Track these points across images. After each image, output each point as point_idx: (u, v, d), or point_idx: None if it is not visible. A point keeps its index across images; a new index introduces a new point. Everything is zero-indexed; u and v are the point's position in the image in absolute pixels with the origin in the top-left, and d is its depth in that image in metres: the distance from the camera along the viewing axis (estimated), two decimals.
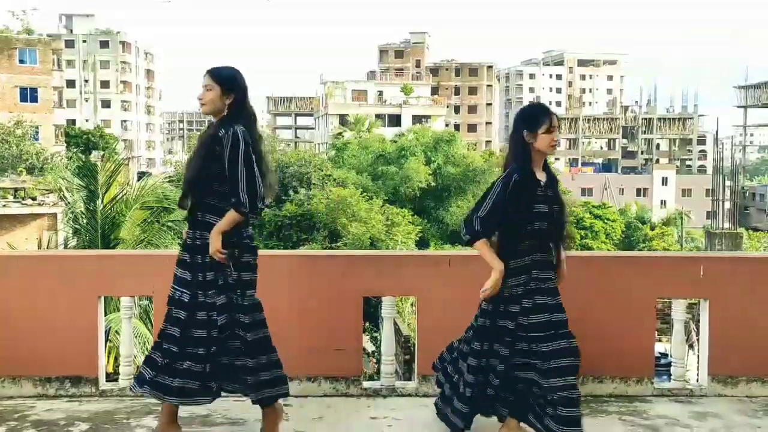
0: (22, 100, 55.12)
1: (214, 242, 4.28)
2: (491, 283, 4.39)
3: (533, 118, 4.40)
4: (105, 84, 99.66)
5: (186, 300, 4.39)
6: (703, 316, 5.92)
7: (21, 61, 55.54)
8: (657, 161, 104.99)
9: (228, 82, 4.38)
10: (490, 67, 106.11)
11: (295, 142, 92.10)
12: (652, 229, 59.94)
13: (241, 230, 4.39)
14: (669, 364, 6.03)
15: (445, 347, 4.95)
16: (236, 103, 4.35)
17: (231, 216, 4.27)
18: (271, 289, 5.76)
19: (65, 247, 19.74)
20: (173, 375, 4.35)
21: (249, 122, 4.37)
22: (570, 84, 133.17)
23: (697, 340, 7.60)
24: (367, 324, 21.14)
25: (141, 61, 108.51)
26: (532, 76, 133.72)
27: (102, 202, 17.72)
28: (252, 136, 4.33)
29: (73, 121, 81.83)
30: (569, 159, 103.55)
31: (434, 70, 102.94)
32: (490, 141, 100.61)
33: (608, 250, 50.62)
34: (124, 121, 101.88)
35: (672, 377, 5.93)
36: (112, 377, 6.35)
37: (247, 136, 4.27)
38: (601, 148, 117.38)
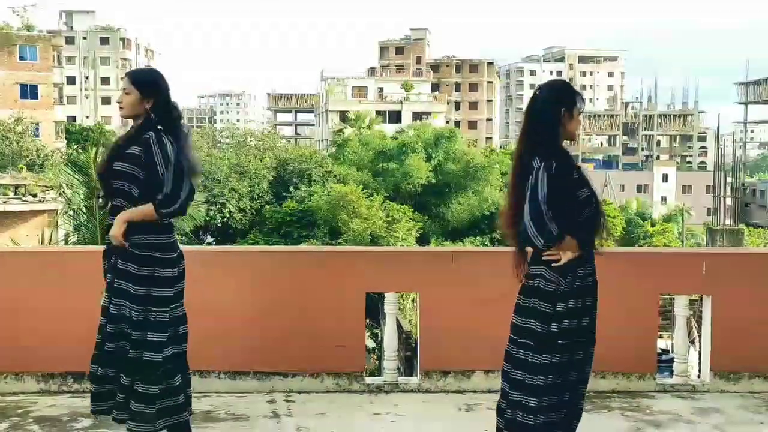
0: (22, 97, 55.10)
1: (118, 227, 4.08)
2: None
3: (571, 96, 3.91)
4: (105, 81, 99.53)
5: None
6: (705, 312, 5.93)
7: (21, 58, 55.51)
8: (657, 158, 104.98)
9: (147, 85, 4.22)
10: (490, 63, 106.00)
11: (296, 139, 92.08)
12: (653, 225, 59.91)
13: (156, 236, 4.18)
14: (670, 360, 6.04)
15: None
16: (156, 107, 4.20)
17: (146, 210, 4.08)
18: (274, 285, 5.77)
19: (65, 243, 19.78)
20: None
21: (171, 125, 4.21)
22: (570, 80, 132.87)
23: (698, 336, 7.60)
24: (367, 320, 21.17)
25: (141, 57, 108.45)
26: (532, 72, 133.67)
27: (101, 198, 17.71)
28: (175, 137, 4.17)
29: (74, 118, 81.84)
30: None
31: (435, 67, 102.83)
32: (490, 137, 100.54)
33: (609, 246, 50.54)
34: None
35: (674, 373, 5.94)
36: None
37: (164, 139, 4.12)
38: (602, 144, 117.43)
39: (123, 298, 4.15)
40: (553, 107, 3.85)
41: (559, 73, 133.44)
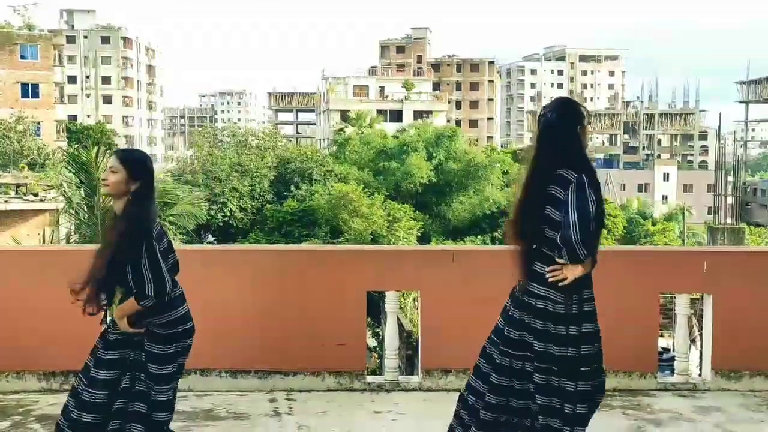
0: (23, 96, 55.04)
1: (123, 323, 4.10)
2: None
3: (580, 112, 4.00)
4: (106, 80, 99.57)
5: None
6: (706, 311, 5.93)
7: (22, 57, 55.44)
8: (658, 156, 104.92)
9: (136, 167, 4.16)
10: (491, 62, 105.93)
11: (297, 138, 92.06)
12: (654, 224, 59.86)
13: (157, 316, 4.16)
14: (671, 359, 6.04)
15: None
16: (141, 189, 4.15)
17: (131, 304, 4.07)
18: (275, 284, 5.77)
19: (67, 242, 19.80)
20: None
21: (152, 209, 4.19)
22: (571, 79, 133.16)
23: (699, 334, 7.59)
24: (368, 319, 21.14)
25: (142, 56, 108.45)
26: (533, 71, 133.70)
27: (101, 197, 17.74)
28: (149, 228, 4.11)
29: (75, 117, 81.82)
30: None
31: (436, 66, 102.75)
32: (491, 136, 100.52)
33: (610, 245, 50.58)
34: (126, 116, 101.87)
35: (675, 372, 5.94)
36: None
37: (150, 233, 4.08)
38: (603, 143, 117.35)
39: (150, 379, 4.08)
40: (572, 127, 3.93)
41: (561, 72, 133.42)
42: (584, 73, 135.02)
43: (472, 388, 4.02)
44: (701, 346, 6.44)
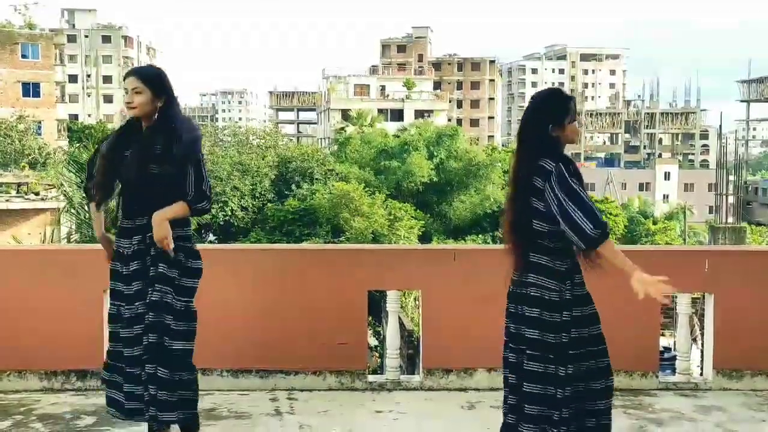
0: (24, 95, 55.01)
1: (163, 228, 4.10)
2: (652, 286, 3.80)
3: (565, 102, 3.84)
4: (107, 79, 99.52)
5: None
6: (707, 310, 5.93)
7: (23, 56, 55.41)
8: (659, 156, 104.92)
9: (158, 83, 4.20)
10: (492, 61, 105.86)
11: (298, 137, 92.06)
12: (655, 223, 59.82)
13: (185, 229, 4.30)
14: (672, 358, 6.03)
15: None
16: (168, 105, 4.20)
17: (180, 207, 4.16)
18: (276, 283, 5.77)
19: (68, 241, 19.80)
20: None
21: (179, 121, 4.24)
22: (572, 78, 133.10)
23: (700, 334, 7.58)
24: (369, 318, 21.12)
25: (143, 56, 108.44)
26: (534, 70, 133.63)
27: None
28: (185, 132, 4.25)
29: (76, 116, 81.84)
30: (572, 153, 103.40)
31: (436, 65, 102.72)
32: (492, 135, 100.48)
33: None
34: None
35: (677, 371, 5.94)
36: None
37: (195, 139, 4.24)
38: (604, 142, 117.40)
39: (169, 286, 4.21)
40: (539, 126, 3.80)
41: (561, 71, 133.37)
42: (585, 72, 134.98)
43: (504, 398, 4.03)
44: (702, 346, 6.44)
